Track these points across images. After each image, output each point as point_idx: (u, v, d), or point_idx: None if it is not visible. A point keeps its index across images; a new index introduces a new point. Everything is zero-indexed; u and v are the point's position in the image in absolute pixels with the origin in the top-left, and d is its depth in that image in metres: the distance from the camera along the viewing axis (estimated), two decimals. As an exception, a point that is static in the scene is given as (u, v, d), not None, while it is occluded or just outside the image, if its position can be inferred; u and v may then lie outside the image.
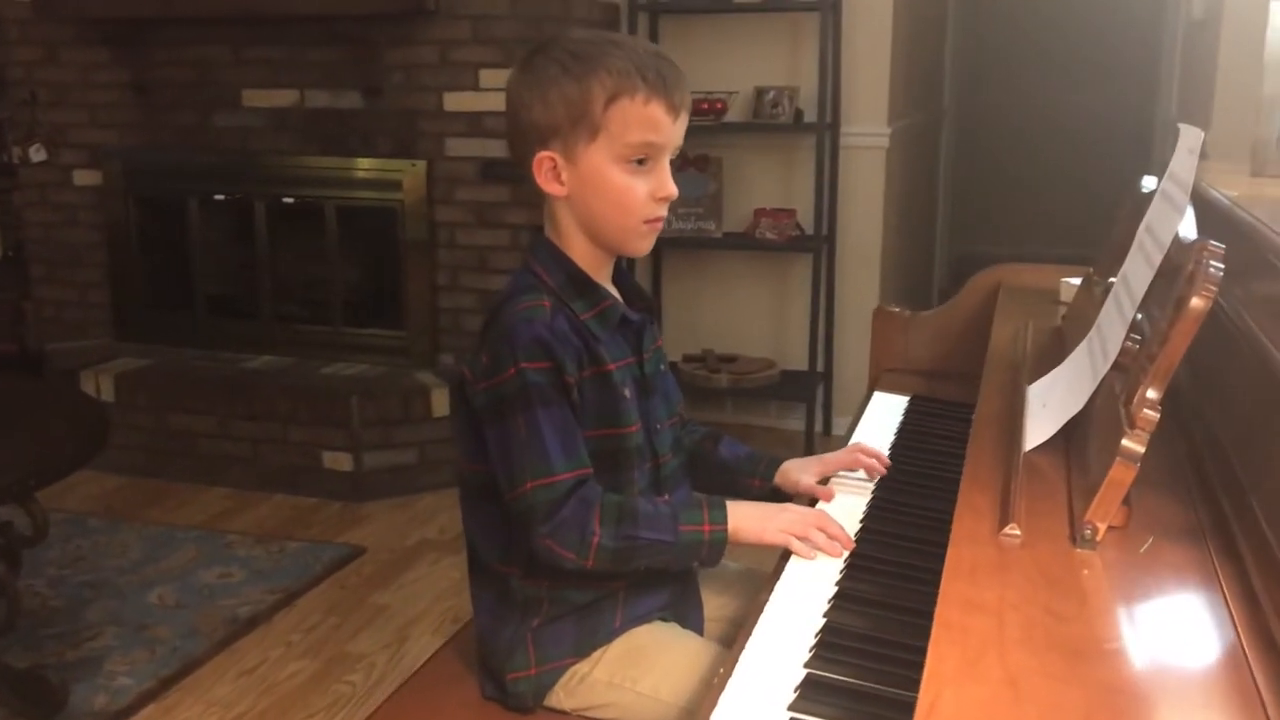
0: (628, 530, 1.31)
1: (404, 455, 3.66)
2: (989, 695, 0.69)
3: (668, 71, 1.36)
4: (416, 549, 3.28)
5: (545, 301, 1.36)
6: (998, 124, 7.43)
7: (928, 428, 1.78)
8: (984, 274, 2.02)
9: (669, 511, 1.35)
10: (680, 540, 1.34)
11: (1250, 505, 0.89)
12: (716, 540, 1.35)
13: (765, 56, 3.93)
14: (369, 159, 3.82)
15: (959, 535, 0.91)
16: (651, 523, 1.33)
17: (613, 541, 1.31)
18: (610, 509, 1.32)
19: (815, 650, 1.11)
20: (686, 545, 1.35)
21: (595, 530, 1.30)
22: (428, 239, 3.82)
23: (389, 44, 3.72)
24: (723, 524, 1.35)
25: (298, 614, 2.89)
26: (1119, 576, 0.86)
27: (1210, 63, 3.70)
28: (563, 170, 1.37)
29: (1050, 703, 0.69)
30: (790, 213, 3.90)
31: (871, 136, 3.94)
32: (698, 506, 1.37)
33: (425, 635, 2.78)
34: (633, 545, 1.32)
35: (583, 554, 1.31)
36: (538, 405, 1.32)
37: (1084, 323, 1.42)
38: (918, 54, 4.62)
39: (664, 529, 1.33)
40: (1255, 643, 0.76)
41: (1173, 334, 0.89)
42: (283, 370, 3.89)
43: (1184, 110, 4.41)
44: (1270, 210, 1.31)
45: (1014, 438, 1.16)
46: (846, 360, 4.08)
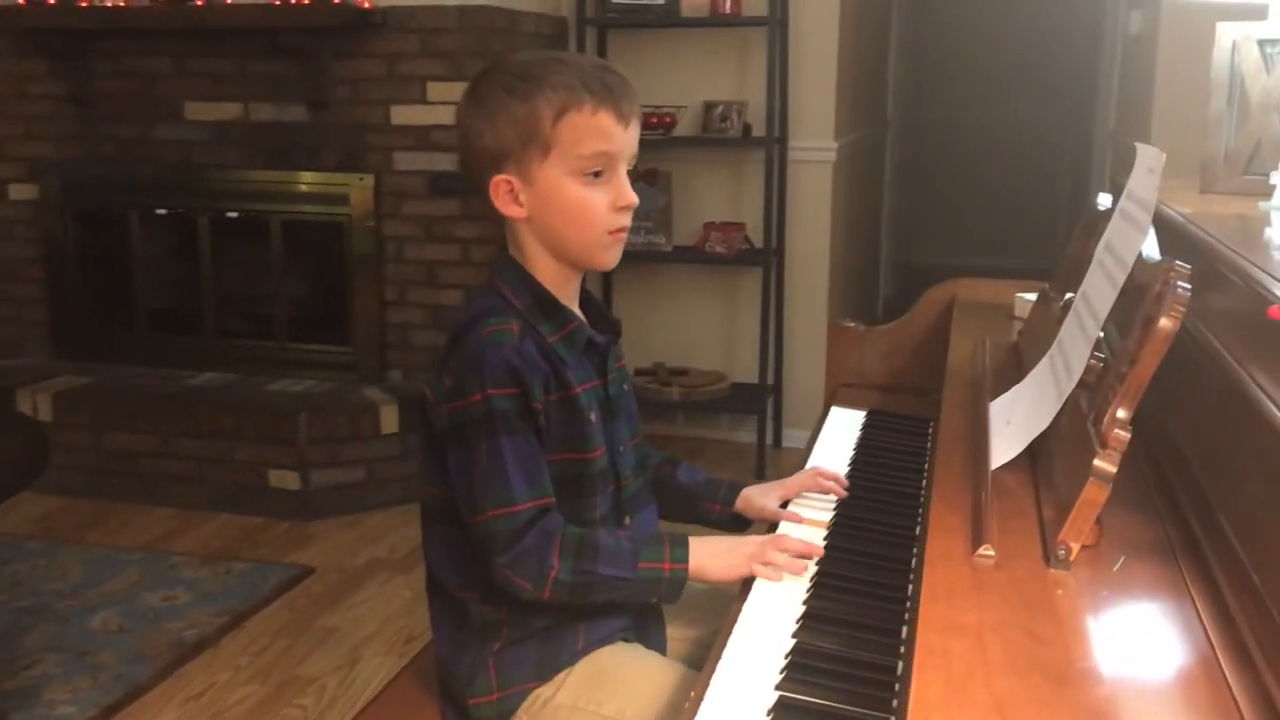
0: (586, 565, 1.30)
1: (352, 473, 3.61)
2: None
3: (613, 81, 1.35)
4: (366, 568, 3.23)
5: (513, 324, 1.34)
6: (939, 138, 7.54)
7: (886, 443, 1.78)
8: (938, 289, 2.04)
9: (630, 547, 1.34)
10: (638, 577, 1.32)
11: (1220, 523, 0.90)
12: (676, 578, 1.34)
13: (714, 71, 3.95)
14: (315, 173, 3.78)
15: (934, 556, 0.90)
16: (611, 558, 1.32)
17: (570, 576, 1.29)
18: (570, 542, 1.30)
19: (786, 671, 1.10)
20: (645, 582, 1.33)
21: (554, 564, 1.29)
22: (375, 253, 3.78)
23: (335, 57, 3.68)
24: (684, 562, 1.34)
25: (246, 636, 2.84)
26: (1095, 597, 0.86)
27: (1148, 78, 3.77)
28: (520, 192, 1.35)
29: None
30: (740, 226, 3.91)
31: (819, 151, 3.97)
32: (659, 543, 1.35)
33: (377, 657, 2.74)
34: (590, 580, 1.31)
35: (539, 586, 1.29)
36: (502, 433, 1.30)
37: (1042, 339, 1.44)
38: (863, 69, 4.66)
39: (623, 565, 1.32)
40: (1233, 661, 0.76)
41: (1142, 354, 0.90)
42: (227, 387, 3.82)
43: (1122, 125, 4.49)
44: (1223, 227, 1.33)
45: (980, 456, 1.16)
46: (796, 372, 4.10)
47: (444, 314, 3.80)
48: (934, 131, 7.50)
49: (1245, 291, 1.03)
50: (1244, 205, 1.54)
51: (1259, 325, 0.99)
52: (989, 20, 7.38)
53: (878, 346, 2.05)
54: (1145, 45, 3.91)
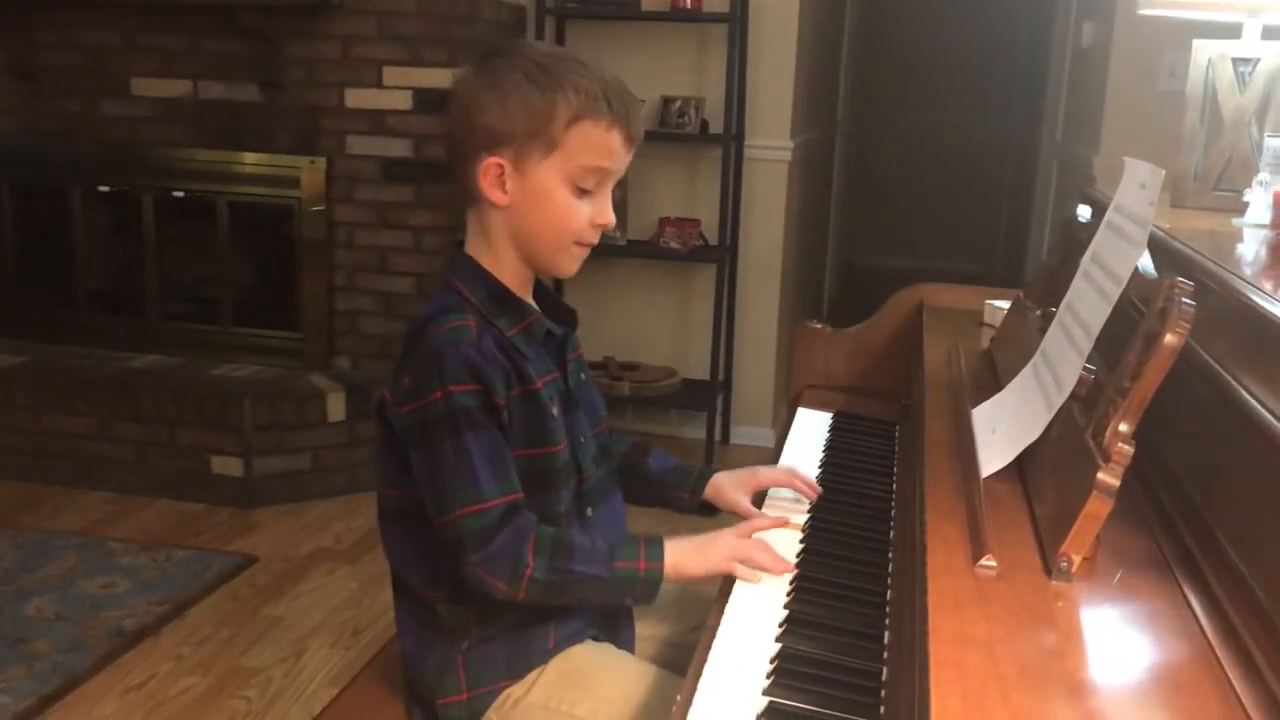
0: (562, 563, 1.29)
1: (297, 460, 3.55)
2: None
3: (630, 101, 1.35)
4: (311, 558, 3.18)
5: (470, 321, 1.32)
6: (886, 140, 7.61)
7: (854, 445, 1.79)
8: (904, 293, 2.05)
9: (605, 547, 1.32)
10: (614, 576, 1.31)
11: (1216, 537, 0.91)
12: (652, 577, 1.33)
13: (672, 66, 3.94)
14: (265, 154, 3.71)
15: (935, 568, 0.90)
16: (586, 557, 1.30)
17: (545, 574, 1.28)
18: (545, 540, 1.29)
19: (774, 677, 1.10)
20: (620, 581, 1.32)
21: (529, 561, 1.27)
22: (325, 238, 3.72)
23: (289, 37, 3.61)
24: (659, 561, 1.33)
25: (187, 626, 2.78)
26: (1099, 609, 0.87)
27: (1099, 90, 3.84)
28: (509, 179, 1.33)
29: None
30: (695, 222, 3.91)
31: (775, 150, 3.98)
32: (635, 543, 1.34)
33: (324, 648, 2.70)
34: (566, 579, 1.29)
35: (514, 585, 1.27)
36: (466, 429, 1.28)
37: (1020, 347, 1.45)
38: (818, 69, 4.68)
39: (598, 564, 1.31)
40: (1239, 671, 0.78)
41: (1146, 370, 0.91)
42: (169, 370, 3.74)
43: (1070, 134, 4.56)
44: (1201, 242, 1.35)
45: (969, 465, 1.17)
46: (747, 370, 4.12)
47: (394, 301, 3.75)
48: (881, 134, 7.57)
49: (1230, 303, 1.05)
50: (1215, 221, 1.57)
51: (1248, 336, 1.01)
52: (938, 26, 7.47)
53: (842, 348, 2.06)
54: (1097, 58, 3.97)
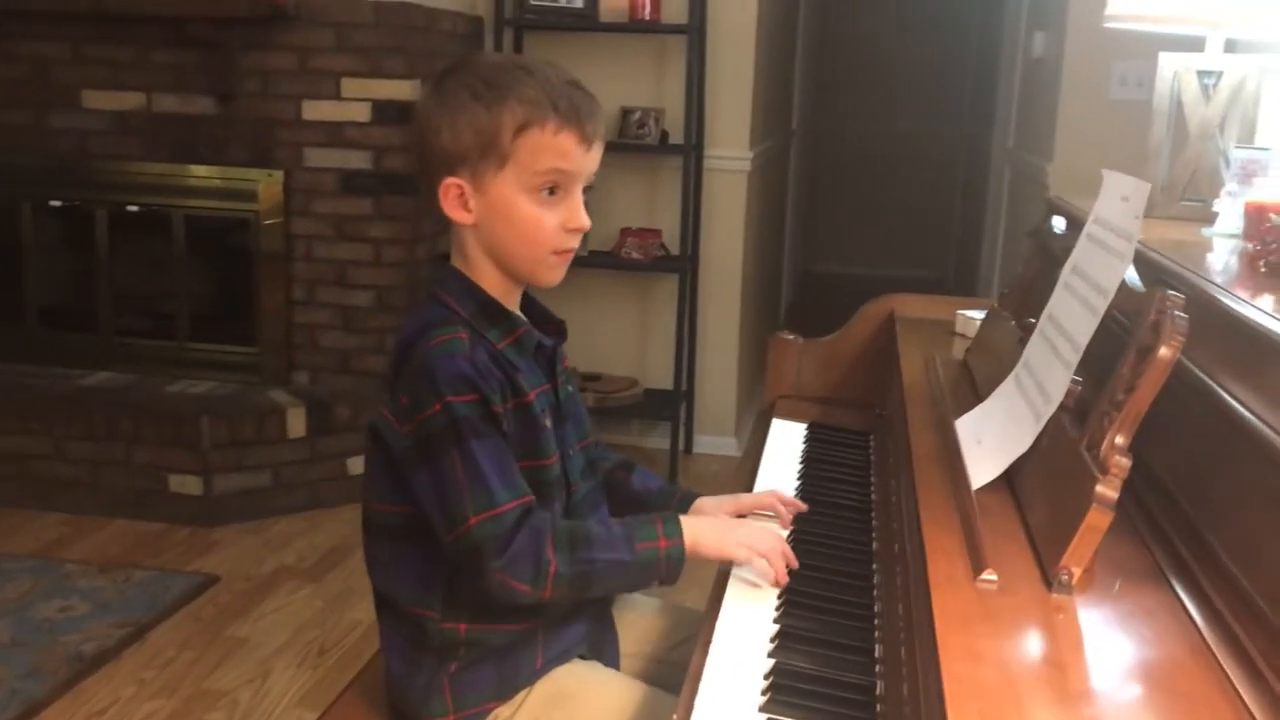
0: (583, 554, 1.27)
1: (257, 478, 3.50)
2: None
3: (581, 101, 1.33)
4: (274, 576, 3.14)
5: (462, 333, 1.32)
6: (838, 149, 7.67)
7: (830, 456, 1.80)
8: (874, 303, 2.06)
9: (622, 531, 1.32)
10: (637, 558, 1.30)
11: (1211, 546, 0.92)
12: (674, 555, 1.31)
13: (632, 77, 3.94)
14: (221, 167, 3.65)
15: (938, 581, 0.91)
16: (606, 544, 1.29)
17: (569, 568, 1.26)
18: (562, 535, 1.28)
19: (769, 693, 1.10)
20: (644, 563, 1.30)
21: (550, 558, 1.25)
22: (283, 252, 3.68)
23: (243, 49, 3.57)
24: (679, 537, 1.31)
25: (149, 649, 2.73)
26: (1102, 621, 0.88)
27: (1051, 99, 3.89)
28: (470, 198, 1.33)
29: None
30: (656, 233, 3.92)
31: (735, 160, 3.99)
32: (651, 523, 1.33)
33: (290, 669, 2.67)
34: (590, 569, 1.28)
35: (539, 584, 1.25)
36: (470, 438, 1.27)
37: (999, 358, 1.46)
38: (774, 79, 4.71)
39: (619, 549, 1.30)
40: (1244, 677, 0.79)
41: (1142, 383, 0.92)
42: (124, 388, 3.67)
43: (1021, 142, 4.62)
44: (1178, 253, 1.38)
45: (958, 476, 1.18)
46: (708, 379, 4.12)
47: (354, 315, 3.72)
48: (834, 142, 7.63)
49: (1213, 312, 1.06)
50: (1183, 230, 1.59)
51: (1233, 345, 1.02)
52: (888, 35, 7.55)
53: (815, 359, 2.06)
54: (1049, 67, 4.03)
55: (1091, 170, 3.61)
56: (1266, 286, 1.17)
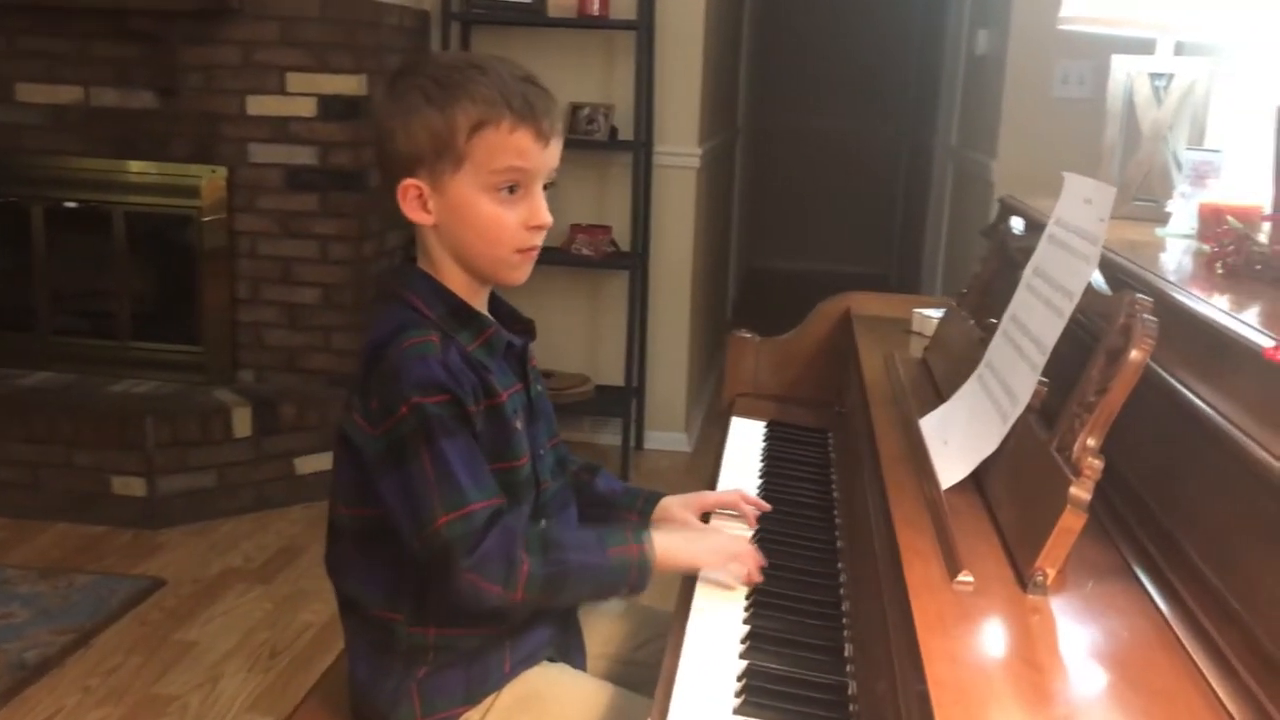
0: (556, 555, 1.27)
1: (202, 478, 3.44)
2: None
3: (536, 98, 1.32)
4: (221, 579, 3.09)
5: (433, 336, 1.30)
6: (782, 145, 7.71)
7: (791, 454, 1.81)
8: (830, 302, 2.07)
9: (594, 536, 1.31)
10: (610, 562, 1.30)
11: (1179, 543, 0.94)
12: (645, 562, 1.31)
13: (580, 73, 3.93)
14: (163, 163, 3.58)
15: (915, 584, 0.91)
16: (579, 547, 1.29)
17: (542, 569, 1.25)
18: (535, 537, 1.27)
19: (744, 695, 1.10)
20: (616, 567, 1.30)
21: (523, 559, 1.24)
22: (227, 249, 3.62)
23: (185, 42, 3.50)
24: (649, 544, 1.31)
25: (95, 655, 2.68)
26: (1077, 620, 0.89)
27: (995, 97, 3.94)
28: (429, 199, 1.32)
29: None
30: (606, 229, 3.91)
31: (684, 156, 4.00)
32: (621, 530, 1.33)
33: (240, 672, 2.63)
34: (564, 571, 1.27)
35: (510, 586, 1.24)
36: (440, 437, 1.25)
37: (958, 357, 1.48)
38: (721, 75, 4.72)
39: (592, 552, 1.29)
40: (1216, 673, 0.81)
41: (1113, 385, 0.93)
42: (64, 388, 3.59)
43: (965, 140, 4.68)
44: (1136, 254, 1.40)
45: (927, 477, 1.19)
46: (659, 375, 4.13)
47: (300, 313, 3.67)
48: (777, 139, 7.67)
49: (1175, 312, 1.08)
50: (1137, 230, 1.62)
51: (1194, 344, 1.04)
52: (831, 33, 7.60)
53: (772, 357, 2.07)
54: (992, 65, 4.09)
55: (1036, 167, 3.68)
56: (1226, 288, 1.20)
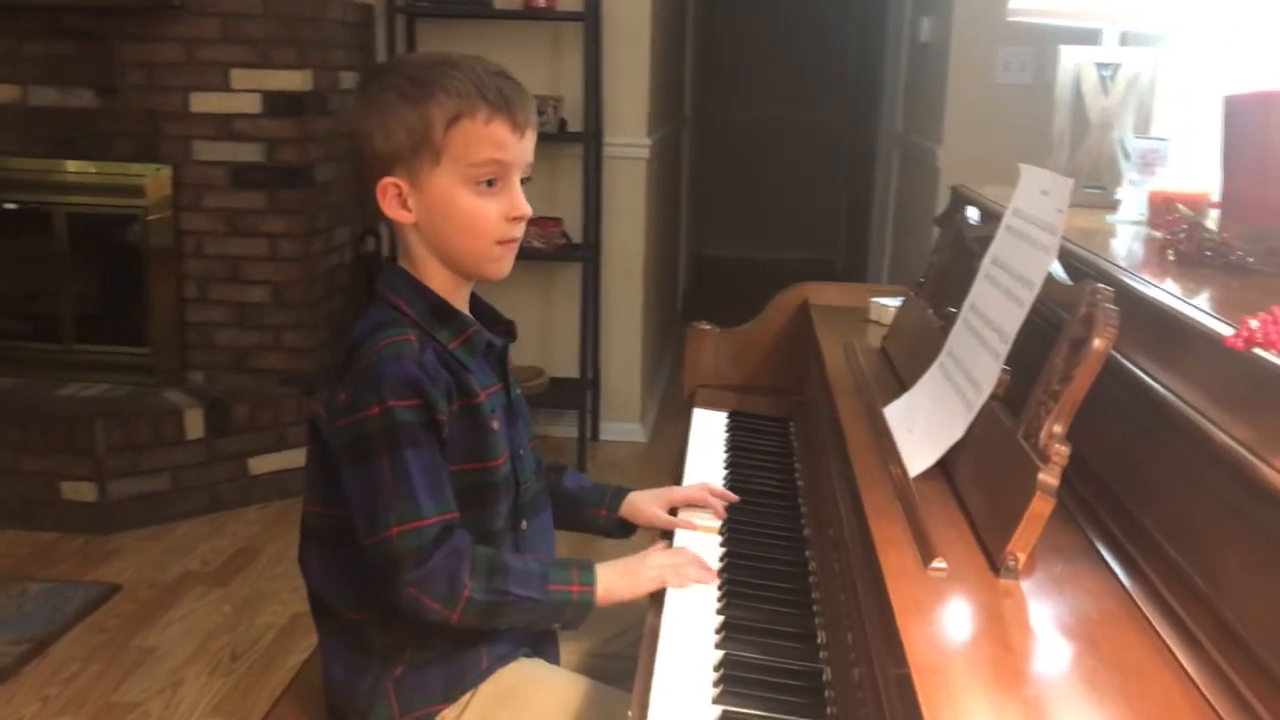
0: (499, 584, 1.28)
1: (155, 482, 3.40)
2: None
3: (509, 90, 1.33)
4: (179, 583, 3.06)
5: (411, 335, 1.31)
6: (728, 134, 7.75)
7: (754, 444, 1.83)
8: (787, 292, 2.10)
9: (538, 569, 1.33)
10: (548, 599, 1.31)
11: (1144, 527, 0.97)
12: (584, 602, 1.33)
13: (528, 65, 3.91)
14: (105, 163, 3.53)
15: (891, 572, 0.94)
16: (521, 580, 1.30)
17: (483, 595, 1.27)
18: (482, 561, 1.28)
19: (722, 685, 1.12)
20: (554, 605, 1.32)
21: (466, 582, 1.26)
22: (174, 248, 3.58)
23: (125, 39, 3.45)
24: (591, 585, 1.33)
25: (51, 664, 2.64)
26: (1049, 603, 0.92)
27: (939, 84, 3.99)
28: (409, 197, 1.32)
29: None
30: (557, 221, 3.91)
31: (634, 147, 4.01)
32: (567, 566, 1.35)
33: (202, 676, 2.61)
34: (502, 601, 1.28)
35: (450, 606, 1.26)
36: (405, 445, 1.26)
37: (918, 346, 1.51)
38: (669, 66, 4.73)
39: (533, 586, 1.30)
40: (1185, 650, 0.84)
41: (1077, 373, 0.96)
42: (9, 392, 3.53)
43: (910, 127, 4.73)
44: (1090, 241, 1.43)
45: (894, 465, 1.21)
46: (613, 366, 4.14)
47: (249, 312, 3.64)
48: (723, 128, 7.70)
49: (1132, 299, 1.11)
50: (1088, 218, 1.66)
51: (1156, 334, 1.08)
52: (774, 21, 7.64)
53: (731, 347, 2.10)
54: (936, 53, 4.13)
55: (981, 153, 3.73)
56: (1180, 274, 1.23)
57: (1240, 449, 0.85)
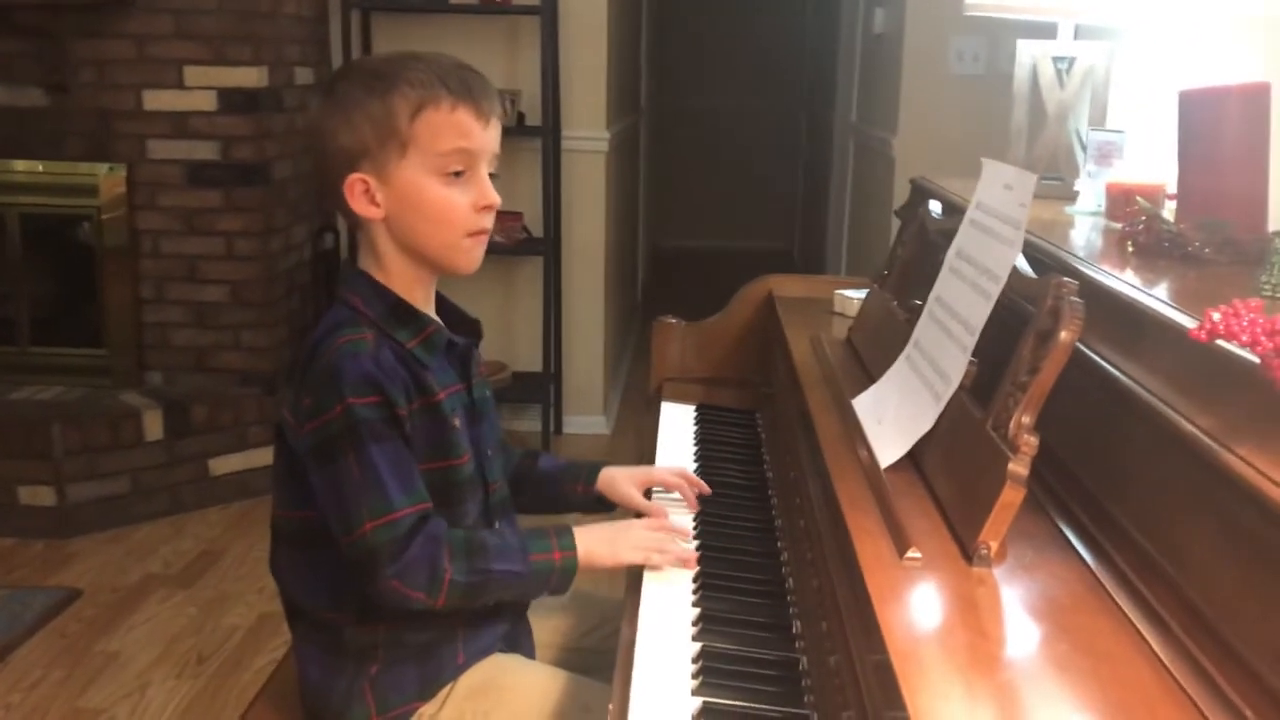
0: (479, 564, 1.29)
1: (114, 484, 3.37)
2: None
3: (471, 79, 1.34)
4: (141, 586, 3.03)
5: (367, 334, 1.31)
6: (684, 125, 7.77)
7: (722, 436, 1.84)
8: (752, 285, 2.11)
9: (517, 542, 1.33)
10: (532, 570, 1.32)
11: (1112, 515, 1.00)
12: (567, 567, 1.34)
13: (485, 59, 3.90)
14: (56, 162, 3.48)
15: (868, 563, 0.96)
16: (502, 555, 1.31)
17: (465, 577, 1.28)
18: (459, 544, 1.29)
19: (701, 676, 1.13)
20: (538, 575, 1.33)
21: (446, 567, 1.26)
22: (129, 248, 3.54)
23: (75, 36, 3.40)
24: (571, 550, 1.34)
25: (13, 671, 2.61)
26: (1021, 590, 0.94)
27: (894, 75, 4.03)
28: (376, 191, 1.32)
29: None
30: (517, 216, 3.91)
31: (593, 140, 4.01)
32: (545, 535, 1.35)
33: (168, 680, 2.59)
34: (485, 580, 1.29)
35: (433, 593, 1.26)
36: (370, 441, 1.26)
37: (884, 338, 1.53)
38: (626, 58, 4.74)
39: (514, 560, 1.31)
40: (1152, 629, 0.87)
41: (1044, 365, 0.99)
42: (-39, 398, 3.48)
43: (864, 117, 4.77)
44: (1050, 233, 1.46)
45: (865, 456, 1.23)
46: (575, 360, 4.15)
47: (207, 311, 3.61)
48: (678, 119, 7.72)
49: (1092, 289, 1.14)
50: (1046, 208, 1.69)
51: (1118, 325, 1.10)
52: (727, 11, 7.66)
53: (697, 341, 2.11)
54: (890, 43, 4.17)
55: (936, 143, 3.76)
56: (1139, 265, 1.26)
57: (1202, 436, 0.88)
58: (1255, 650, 0.78)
